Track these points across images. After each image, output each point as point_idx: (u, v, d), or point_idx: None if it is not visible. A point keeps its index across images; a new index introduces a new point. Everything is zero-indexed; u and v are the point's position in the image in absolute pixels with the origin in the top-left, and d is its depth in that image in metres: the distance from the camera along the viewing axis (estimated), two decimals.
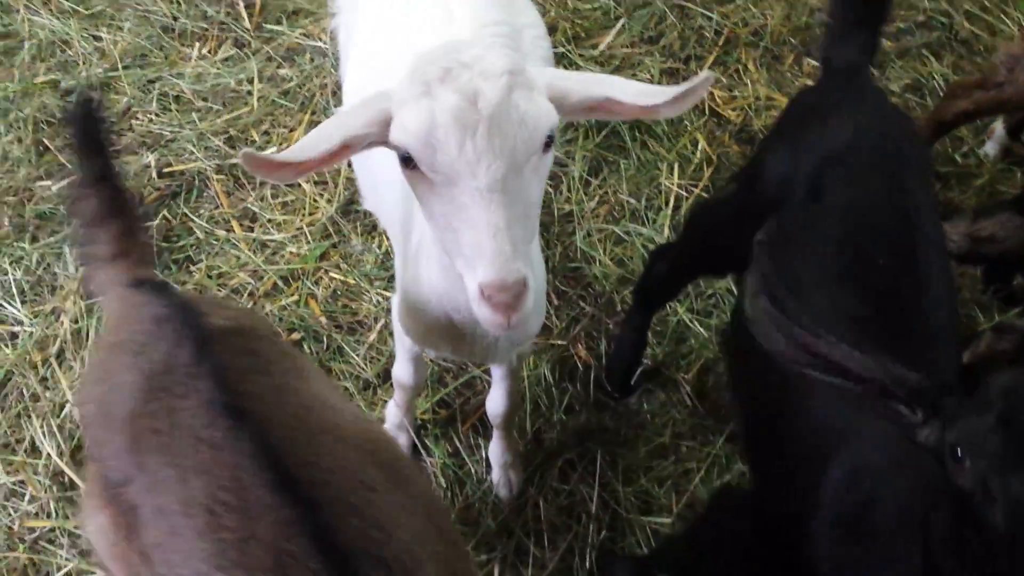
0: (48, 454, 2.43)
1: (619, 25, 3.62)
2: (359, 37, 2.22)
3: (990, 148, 3.46)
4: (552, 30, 3.57)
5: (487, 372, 2.61)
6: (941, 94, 3.55)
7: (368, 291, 2.83)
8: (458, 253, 1.37)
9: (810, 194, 1.88)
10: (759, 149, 2.35)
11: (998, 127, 3.43)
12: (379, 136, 1.40)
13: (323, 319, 2.75)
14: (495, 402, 2.33)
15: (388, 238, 2.42)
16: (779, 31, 3.70)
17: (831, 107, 2.08)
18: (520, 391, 2.57)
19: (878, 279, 1.73)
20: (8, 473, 2.43)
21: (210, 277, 2.80)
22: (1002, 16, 3.89)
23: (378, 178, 1.98)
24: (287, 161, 1.36)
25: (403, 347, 2.22)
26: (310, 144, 1.39)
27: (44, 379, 2.56)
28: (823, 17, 3.80)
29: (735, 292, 2.78)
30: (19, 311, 2.67)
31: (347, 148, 1.42)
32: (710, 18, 3.68)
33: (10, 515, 2.38)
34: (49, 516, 2.38)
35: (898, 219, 1.79)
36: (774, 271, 1.41)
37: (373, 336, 2.74)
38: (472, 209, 1.30)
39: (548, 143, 1.38)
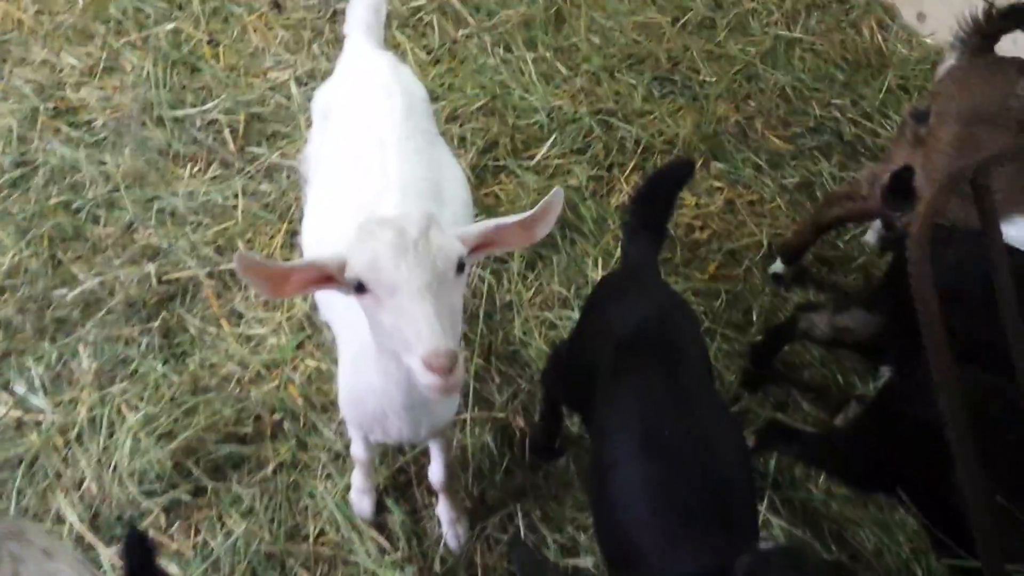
0: (71, 523, 2.89)
1: (552, 139, 4.22)
2: (314, 190, 2.75)
3: (870, 237, 4.06)
4: (495, 144, 4.18)
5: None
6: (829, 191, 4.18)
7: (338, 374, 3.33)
8: (404, 347, 1.81)
9: (613, 376, 2.28)
10: (582, 319, 2.80)
11: (877, 220, 4.03)
12: (336, 270, 1.88)
13: (300, 400, 3.25)
14: (435, 473, 2.86)
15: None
16: (690, 139, 4.32)
17: (622, 296, 2.55)
18: (455, 462, 3.07)
19: (672, 451, 2.08)
20: None
21: (203, 368, 3.30)
22: (882, 122, 4.55)
23: (332, 297, 2.49)
24: (271, 268, 1.84)
25: (353, 429, 2.72)
26: (286, 263, 1.89)
27: (65, 459, 3.03)
28: (727, 126, 4.46)
29: None
30: (42, 402, 3.15)
31: (312, 271, 1.89)
32: (630, 130, 4.30)
33: None
34: None
35: (680, 396, 2.19)
36: None
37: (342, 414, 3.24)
38: (410, 308, 1.77)
39: (460, 267, 1.88)
